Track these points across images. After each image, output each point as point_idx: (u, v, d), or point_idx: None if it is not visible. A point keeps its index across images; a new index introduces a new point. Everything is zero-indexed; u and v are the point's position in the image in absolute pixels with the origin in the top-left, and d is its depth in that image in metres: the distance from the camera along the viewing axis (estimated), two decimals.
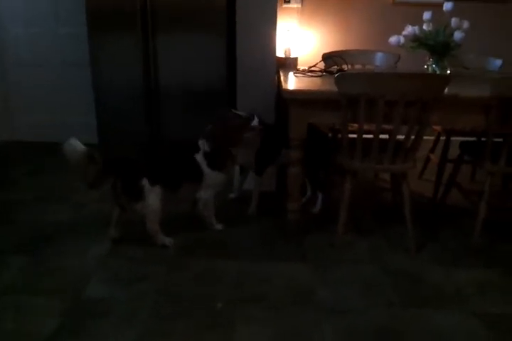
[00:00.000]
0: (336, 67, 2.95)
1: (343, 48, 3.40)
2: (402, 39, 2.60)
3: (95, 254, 2.39)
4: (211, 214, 2.60)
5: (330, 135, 3.09)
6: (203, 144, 2.45)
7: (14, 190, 3.15)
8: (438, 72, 2.60)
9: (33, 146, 4.01)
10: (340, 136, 2.54)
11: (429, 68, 2.63)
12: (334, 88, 2.19)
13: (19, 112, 4.11)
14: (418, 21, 2.62)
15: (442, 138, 3.15)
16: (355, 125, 2.31)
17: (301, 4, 3.89)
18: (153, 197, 2.34)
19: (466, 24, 2.55)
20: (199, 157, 2.45)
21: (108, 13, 3.19)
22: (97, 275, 2.21)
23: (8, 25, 3.89)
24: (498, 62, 3.02)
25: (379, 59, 3.20)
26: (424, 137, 2.33)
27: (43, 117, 4.08)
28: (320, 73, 2.77)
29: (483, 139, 2.78)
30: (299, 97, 2.34)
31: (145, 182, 2.32)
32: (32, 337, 1.80)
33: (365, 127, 2.27)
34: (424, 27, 2.62)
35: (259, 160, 2.74)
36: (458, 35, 2.50)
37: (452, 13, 2.59)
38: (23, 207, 2.88)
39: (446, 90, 2.17)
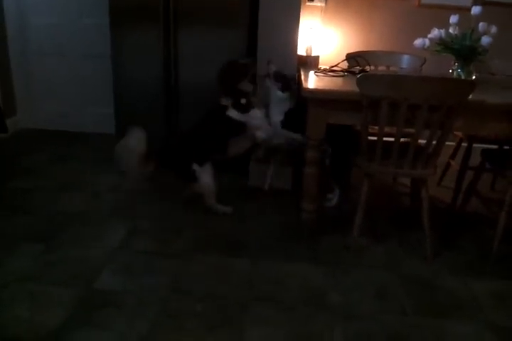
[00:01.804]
0: (358, 67, 2.90)
1: (366, 49, 3.35)
2: (427, 42, 2.54)
3: (108, 245, 2.39)
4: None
5: None
6: (225, 100, 2.62)
7: (33, 178, 3.15)
8: (463, 77, 2.54)
9: (54, 135, 4.02)
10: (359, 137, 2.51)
11: (454, 73, 2.57)
12: (355, 89, 2.15)
13: (40, 101, 4.11)
14: (444, 24, 2.57)
15: (464, 144, 3.09)
16: (375, 127, 2.27)
17: (325, 3, 3.84)
18: (205, 177, 2.58)
19: (493, 29, 2.49)
20: (230, 112, 2.61)
21: (130, 6, 3.17)
22: (108, 267, 2.21)
23: (31, 15, 3.89)
24: None
25: (404, 61, 3.14)
26: (446, 143, 2.28)
27: (63, 106, 4.09)
28: (342, 73, 2.73)
29: (505, 147, 2.72)
30: (318, 97, 2.32)
31: (195, 166, 2.56)
32: (43, 326, 1.81)
33: (386, 130, 2.23)
34: (451, 30, 2.56)
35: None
36: (485, 40, 2.44)
37: (480, 17, 2.52)
38: (41, 195, 2.89)
39: (471, 96, 2.12)
